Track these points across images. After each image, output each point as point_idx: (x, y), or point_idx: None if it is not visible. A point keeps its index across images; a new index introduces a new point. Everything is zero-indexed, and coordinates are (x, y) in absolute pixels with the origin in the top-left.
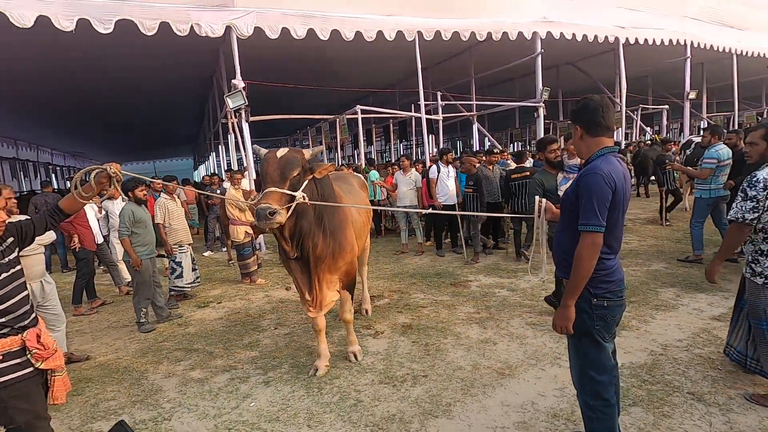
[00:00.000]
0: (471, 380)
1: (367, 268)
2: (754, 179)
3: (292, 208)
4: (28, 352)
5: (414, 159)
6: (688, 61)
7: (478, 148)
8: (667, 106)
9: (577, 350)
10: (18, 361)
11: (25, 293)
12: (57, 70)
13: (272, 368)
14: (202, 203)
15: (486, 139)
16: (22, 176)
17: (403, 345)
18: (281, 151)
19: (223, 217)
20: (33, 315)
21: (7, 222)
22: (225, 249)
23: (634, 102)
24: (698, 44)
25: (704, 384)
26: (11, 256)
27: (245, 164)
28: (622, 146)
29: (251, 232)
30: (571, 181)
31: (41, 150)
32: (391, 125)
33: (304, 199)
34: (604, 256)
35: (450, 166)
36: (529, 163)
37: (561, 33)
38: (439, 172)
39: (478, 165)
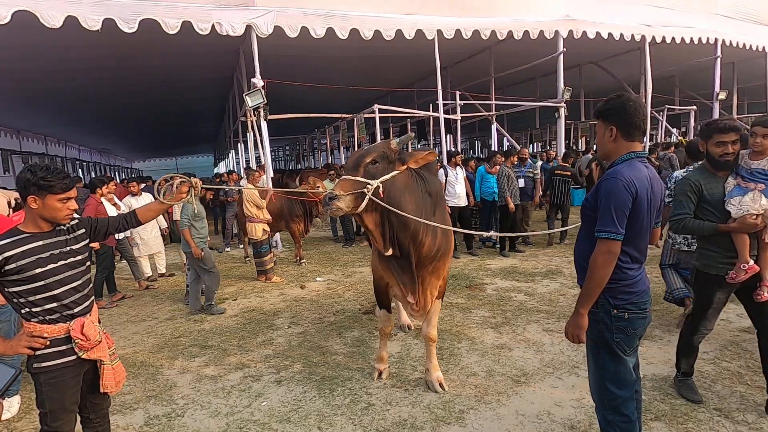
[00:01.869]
0: (485, 387)
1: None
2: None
3: (367, 197)
4: (72, 341)
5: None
6: (719, 60)
7: (496, 149)
8: (694, 107)
9: (596, 362)
10: (62, 348)
11: (78, 283)
12: (84, 69)
13: (285, 368)
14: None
15: (505, 139)
16: None
17: (416, 348)
18: (371, 145)
19: (240, 215)
20: (85, 305)
21: (85, 216)
22: (242, 246)
23: (660, 102)
24: (729, 42)
25: (732, 400)
26: (76, 246)
27: (263, 162)
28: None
29: (268, 229)
30: (752, 192)
31: (69, 146)
32: (409, 125)
33: (379, 188)
34: (625, 266)
35: (458, 168)
36: (538, 164)
37: (584, 32)
38: (446, 175)
39: (498, 167)
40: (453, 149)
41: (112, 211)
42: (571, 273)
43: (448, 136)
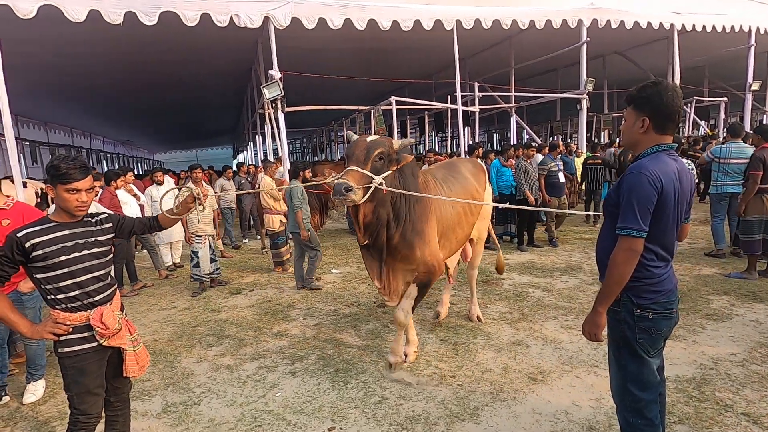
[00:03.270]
0: (501, 384)
1: (476, 272)
2: None
3: (370, 191)
4: (93, 329)
5: (450, 152)
6: (752, 49)
7: (515, 141)
8: (725, 99)
9: (617, 362)
10: (83, 335)
11: (101, 273)
12: (107, 62)
13: (299, 359)
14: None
15: (524, 131)
16: None
17: (431, 343)
18: (372, 137)
19: (258, 207)
20: (106, 294)
21: (112, 213)
22: (259, 237)
23: (689, 94)
24: (764, 30)
25: (761, 405)
26: (101, 238)
27: (280, 154)
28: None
29: (285, 221)
30: None
31: (94, 137)
32: (426, 117)
33: (381, 185)
34: (650, 264)
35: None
36: (539, 157)
37: (608, 20)
38: None
39: (515, 160)
40: (474, 142)
41: (131, 202)
42: (591, 269)
43: (466, 128)
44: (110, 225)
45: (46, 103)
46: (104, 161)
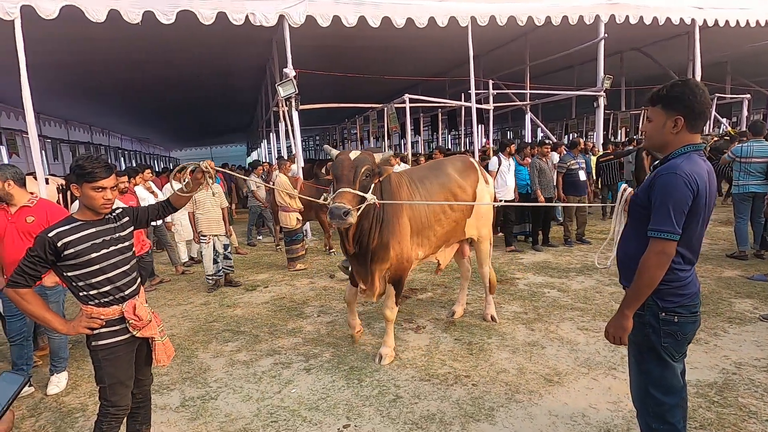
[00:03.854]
0: (516, 385)
1: (488, 269)
2: None
3: (362, 209)
4: (126, 322)
5: (463, 150)
6: None
7: (530, 139)
8: (748, 96)
9: (639, 366)
10: (116, 328)
11: (127, 267)
12: (125, 61)
13: (314, 356)
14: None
15: (539, 129)
16: None
17: (445, 342)
18: (353, 153)
19: (272, 204)
20: (134, 287)
21: (128, 205)
22: (273, 234)
23: (710, 91)
24: None
25: None
26: (123, 233)
27: (294, 152)
28: None
29: (301, 218)
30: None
31: (112, 135)
32: (440, 114)
33: (373, 201)
34: (677, 267)
35: (511, 158)
36: (555, 156)
37: (627, 16)
38: (499, 165)
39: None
40: (508, 138)
41: (149, 199)
42: (608, 270)
43: (480, 126)
44: (128, 218)
45: (66, 101)
46: (122, 158)
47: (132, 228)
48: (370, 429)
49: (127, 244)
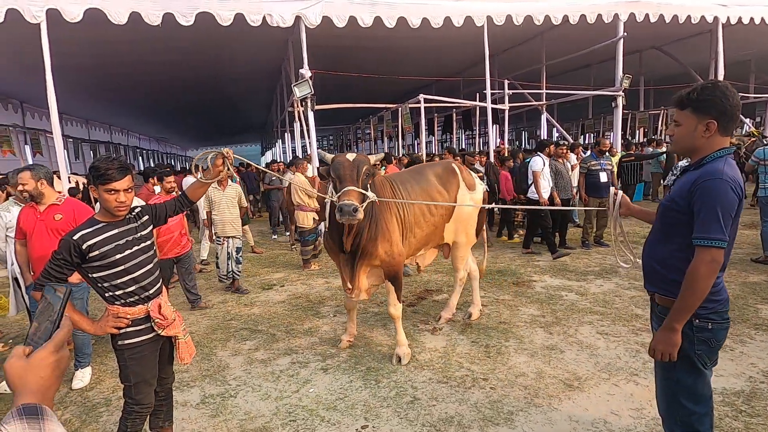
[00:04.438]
0: (535, 389)
1: (464, 273)
2: None
3: (363, 206)
4: (151, 321)
5: (478, 150)
6: None
7: (545, 139)
8: None
9: (667, 375)
10: (141, 327)
11: (151, 266)
12: (144, 63)
13: (330, 356)
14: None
15: (555, 130)
16: None
17: (462, 344)
18: (350, 155)
19: (288, 203)
20: (158, 286)
21: (146, 203)
22: (288, 233)
23: None
24: None
25: None
26: (144, 232)
27: (309, 152)
28: None
29: (318, 218)
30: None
31: (131, 135)
32: (454, 115)
33: (374, 199)
34: None
35: (550, 158)
36: (573, 157)
37: (646, 14)
38: (544, 164)
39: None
40: (546, 138)
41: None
42: (628, 273)
43: (495, 126)
44: (147, 217)
45: (87, 101)
46: (140, 158)
47: (152, 226)
48: (388, 430)
49: (149, 242)
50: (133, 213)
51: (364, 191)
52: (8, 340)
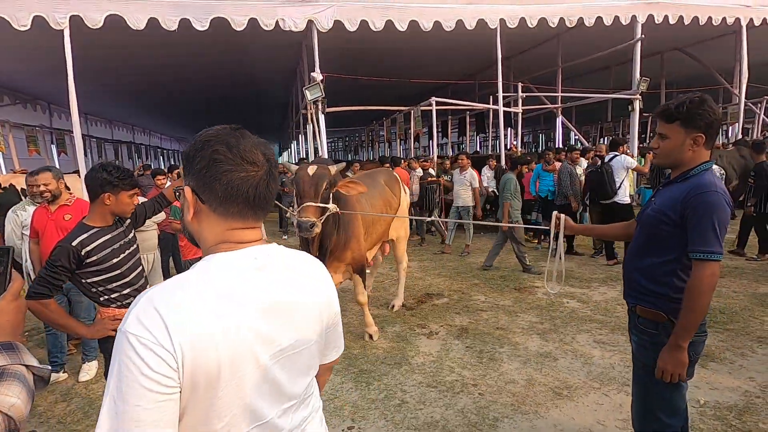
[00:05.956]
0: (523, 396)
1: (403, 266)
2: None
3: (324, 218)
4: None
5: (491, 154)
6: None
7: (561, 143)
8: None
9: (646, 388)
10: None
11: (141, 268)
12: (163, 66)
13: None
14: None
15: (571, 133)
16: (137, 157)
17: (456, 349)
18: (311, 169)
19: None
20: (147, 287)
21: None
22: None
23: (757, 93)
24: None
25: None
26: (131, 236)
27: (320, 153)
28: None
29: None
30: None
31: (152, 134)
32: (468, 117)
33: (335, 210)
34: None
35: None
36: (584, 162)
37: (665, 16)
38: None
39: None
40: (571, 144)
41: None
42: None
43: (508, 129)
44: (129, 221)
45: (111, 103)
46: (161, 157)
47: (134, 229)
48: None
49: (135, 246)
50: (117, 218)
51: (323, 204)
52: (24, 332)
